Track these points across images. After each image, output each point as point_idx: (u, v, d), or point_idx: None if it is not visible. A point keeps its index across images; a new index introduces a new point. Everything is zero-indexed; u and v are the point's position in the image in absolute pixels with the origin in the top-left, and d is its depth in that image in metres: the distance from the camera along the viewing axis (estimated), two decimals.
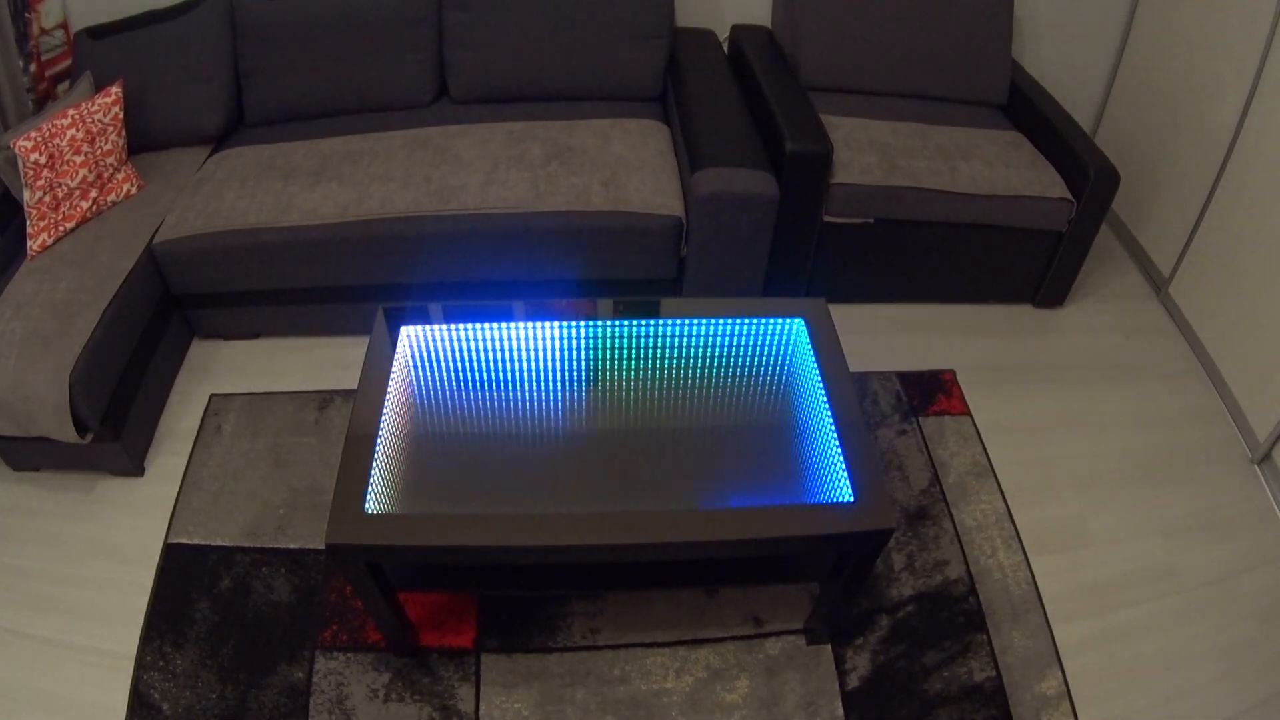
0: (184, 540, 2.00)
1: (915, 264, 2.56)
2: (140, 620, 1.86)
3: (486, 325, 1.85)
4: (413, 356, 1.78)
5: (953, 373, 2.46)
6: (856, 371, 2.45)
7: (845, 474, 1.55)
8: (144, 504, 2.09)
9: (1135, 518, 2.13)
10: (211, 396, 2.34)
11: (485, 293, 2.41)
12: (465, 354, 1.79)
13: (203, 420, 2.28)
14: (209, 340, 2.52)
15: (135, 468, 2.14)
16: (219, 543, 2.00)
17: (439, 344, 1.82)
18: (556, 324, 1.85)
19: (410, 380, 1.74)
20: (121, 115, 2.32)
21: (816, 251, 2.51)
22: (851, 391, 1.69)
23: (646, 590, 1.85)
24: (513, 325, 1.85)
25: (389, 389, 1.68)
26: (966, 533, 2.06)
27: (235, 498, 2.09)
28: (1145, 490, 2.20)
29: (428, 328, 1.84)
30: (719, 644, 1.85)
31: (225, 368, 2.44)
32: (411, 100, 2.60)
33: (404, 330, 1.83)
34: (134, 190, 2.37)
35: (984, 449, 2.26)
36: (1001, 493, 2.15)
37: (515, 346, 1.81)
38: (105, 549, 2.00)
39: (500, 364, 1.77)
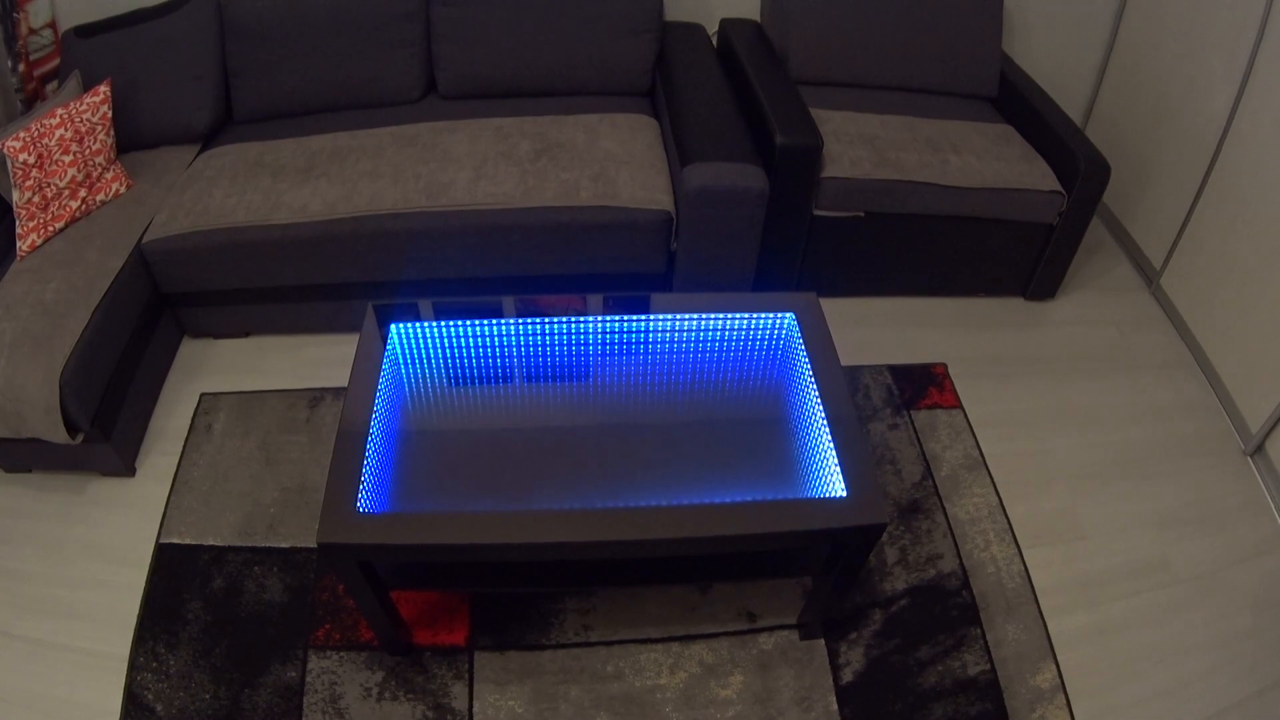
0: (176, 540, 2.00)
1: (906, 257, 2.56)
2: (133, 621, 1.86)
3: (476, 322, 1.84)
4: (403, 353, 1.78)
5: (944, 366, 2.46)
6: (848, 365, 2.45)
7: (837, 468, 1.55)
8: (135, 504, 2.09)
9: (1128, 510, 2.13)
10: (202, 395, 2.33)
11: (475, 289, 2.41)
12: (455, 351, 1.79)
13: (193, 419, 2.27)
14: (199, 339, 2.51)
15: (126, 468, 2.13)
16: (211, 542, 2.00)
17: (429, 341, 1.81)
18: (546, 320, 1.84)
19: (401, 377, 1.73)
20: (110, 114, 2.31)
21: (807, 245, 2.50)
22: (843, 385, 1.69)
23: (639, 586, 1.85)
24: (503, 322, 1.84)
25: (379, 386, 1.68)
26: (959, 526, 2.06)
27: (226, 497, 2.09)
28: (1138, 482, 2.20)
29: (418, 325, 1.84)
30: (712, 640, 1.85)
31: (215, 366, 2.43)
32: (400, 96, 2.59)
33: (394, 327, 1.82)
34: (123, 189, 2.36)
35: (976, 442, 2.26)
36: (994, 486, 2.15)
37: (505, 343, 1.80)
38: (97, 550, 1.99)
39: (490, 361, 1.77)
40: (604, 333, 1.83)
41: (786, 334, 1.85)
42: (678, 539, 1.45)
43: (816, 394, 1.67)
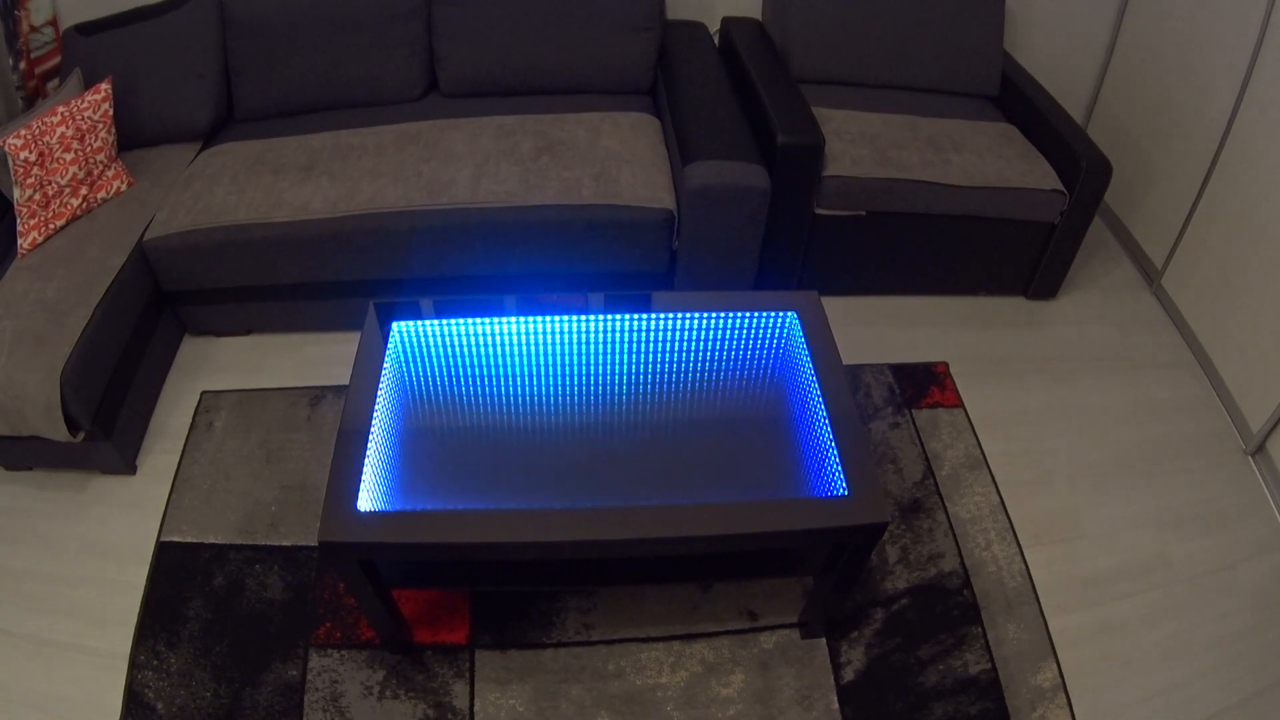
0: (176, 539, 2.00)
1: (907, 256, 2.56)
2: (133, 619, 1.86)
3: (477, 320, 1.84)
4: (404, 352, 1.78)
5: (945, 365, 2.46)
6: (849, 364, 2.45)
7: (839, 468, 1.54)
8: (136, 502, 2.09)
9: (1129, 509, 2.13)
10: (203, 393, 2.33)
11: (476, 287, 2.41)
12: (456, 349, 1.79)
13: (194, 418, 2.27)
14: (200, 337, 2.51)
15: (127, 466, 2.13)
16: (211, 540, 2.00)
17: (430, 339, 1.81)
18: (547, 318, 1.84)
19: (402, 376, 1.73)
20: (111, 112, 2.31)
21: (808, 244, 2.50)
22: (844, 384, 1.69)
23: (640, 585, 1.85)
24: (504, 320, 1.84)
25: (380, 385, 1.68)
26: (960, 525, 2.06)
27: (227, 495, 2.09)
28: (1139, 482, 2.20)
29: (419, 323, 1.83)
30: (713, 638, 1.85)
31: (216, 364, 2.43)
32: (401, 95, 2.58)
33: (395, 326, 1.82)
34: (124, 187, 2.36)
35: (977, 441, 2.25)
36: (995, 485, 2.15)
37: (506, 341, 1.80)
38: (98, 548, 1.99)
39: (491, 359, 1.76)
40: (605, 331, 1.83)
41: (788, 332, 1.84)
42: (679, 538, 1.45)
43: (818, 392, 1.67)
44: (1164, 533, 2.08)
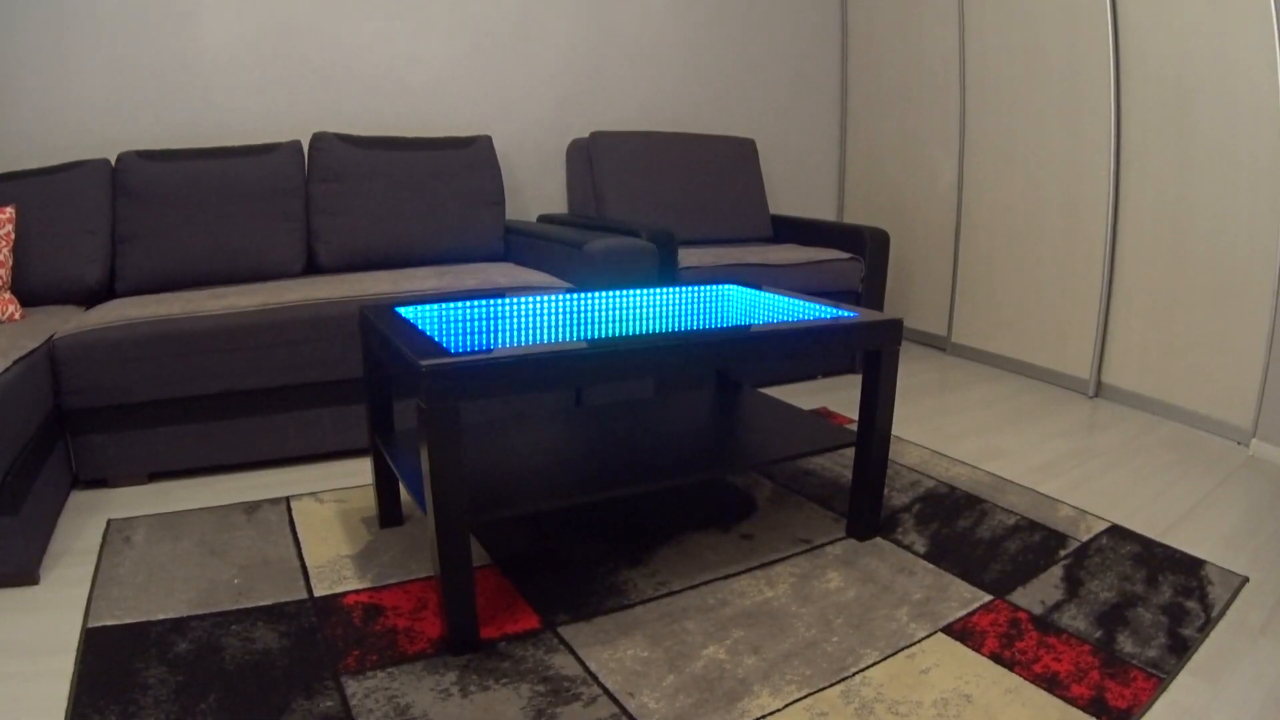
0: (110, 622, 1.48)
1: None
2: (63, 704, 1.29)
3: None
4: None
5: (825, 408, 2.78)
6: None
7: None
8: (47, 605, 1.55)
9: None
10: (110, 521, 1.86)
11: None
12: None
13: (104, 537, 1.79)
14: (90, 490, 2.06)
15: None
16: (161, 617, 1.51)
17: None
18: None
19: None
20: (13, 235, 2.10)
21: None
22: None
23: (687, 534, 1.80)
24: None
25: None
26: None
27: (170, 581, 1.63)
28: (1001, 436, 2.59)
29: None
30: (786, 560, 1.78)
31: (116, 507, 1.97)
32: (282, 270, 2.59)
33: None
34: (17, 315, 2.07)
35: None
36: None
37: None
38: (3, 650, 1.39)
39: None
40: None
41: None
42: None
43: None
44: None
